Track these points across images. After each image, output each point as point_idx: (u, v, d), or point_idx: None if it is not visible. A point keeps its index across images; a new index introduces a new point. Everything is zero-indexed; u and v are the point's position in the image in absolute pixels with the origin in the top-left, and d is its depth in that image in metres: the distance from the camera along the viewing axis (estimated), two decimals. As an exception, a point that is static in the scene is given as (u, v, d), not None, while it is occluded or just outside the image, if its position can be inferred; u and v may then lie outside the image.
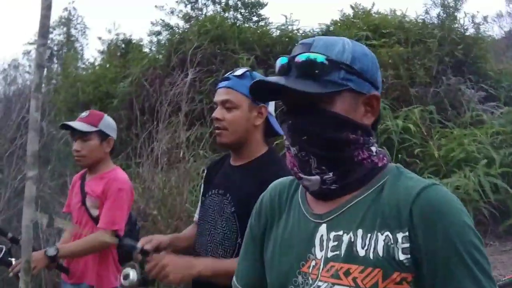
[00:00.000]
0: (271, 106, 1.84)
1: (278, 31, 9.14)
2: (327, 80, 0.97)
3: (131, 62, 9.39)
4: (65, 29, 16.76)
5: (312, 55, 0.98)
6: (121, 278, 1.78)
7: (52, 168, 5.40)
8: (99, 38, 12.82)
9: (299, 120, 1.00)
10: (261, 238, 1.15)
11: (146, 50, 10.68)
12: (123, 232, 2.53)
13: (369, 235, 0.93)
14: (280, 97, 1.06)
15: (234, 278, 1.21)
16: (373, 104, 1.03)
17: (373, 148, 1.03)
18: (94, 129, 2.54)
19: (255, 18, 11.74)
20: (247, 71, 1.79)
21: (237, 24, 9.18)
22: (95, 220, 2.52)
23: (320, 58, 0.98)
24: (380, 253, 0.91)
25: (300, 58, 0.99)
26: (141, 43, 11.17)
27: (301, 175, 1.02)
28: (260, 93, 1.09)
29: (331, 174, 0.99)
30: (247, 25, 9.70)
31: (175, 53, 7.49)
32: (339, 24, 9.23)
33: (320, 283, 0.95)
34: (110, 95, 8.70)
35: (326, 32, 9.04)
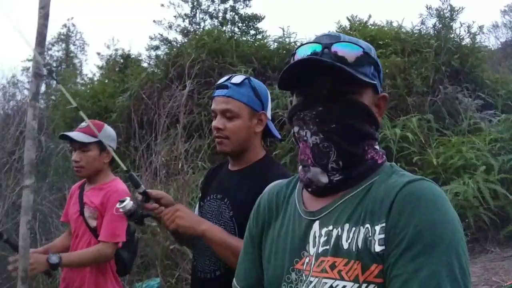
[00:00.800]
0: (269, 111, 1.84)
1: (276, 44, 9.22)
2: (360, 72, 0.97)
3: (129, 77, 9.45)
4: (64, 45, 16.88)
5: (349, 45, 0.99)
6: (118, 203, 1.76)
7: (51, 182, 5.39)
8: (98, 54, 13.02)
9: (330, 107, 0.98)
10: (259, 239, 1.15)
11: (145, 64, 10.80)
12: (121, 243, 2.52)
13: (353, 228, 0.93)
14: (305, 86, 1.02)
15: (234, 280, 1.21)
16: (381, 105, 1.05)
17: (377, 147, 1.05)
18: (93, 139, 2.52)
19: (252, 32, 11.87)
20: (245, 78, 1.77)
21: (235, 38, 9.27)
22: (93, 230, 2.50)
23: (357, 48, 0.99)
24: (360, 245, 0.90)
25: (338, 47, 0.98)
26: (140, 58, 11.30)
27: (313, 168, 1.01)
28: (286, 80, 1.03)
29: (339, 176, 0.99)
30: (245, 39, 9.79)
31: (173, 67, 7.54)
32: (336, 36, 9.32)
33: (312, 279, 0.95)
34: (108, 109, 8.74)
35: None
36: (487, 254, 4.86)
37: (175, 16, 11.58)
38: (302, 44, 1.04)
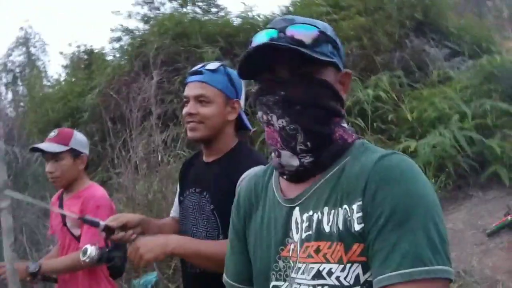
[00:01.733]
0: (242, 100, 1.83)
1: (239, 20, 9.10)
2: (318, 52, 0.97)
3: (96, 73, 9.26)
4: (24, 49, 16.42)
5: (304, 26, 0.98)
6: (81, 254, 1.82)
7: (32, 192, 5.32)
8: (61, 53, 12.68)
9: (293, 90, 0.98)
10: (243, 231, 1.16)
11: (110, 58, 10.56)
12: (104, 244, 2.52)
13: (332, 211, 0.94)
14: (264, 73, 1.03)
15: (224, 274, 1.22)
16: (345, 81, 1.05)
17: (344, 125, 1.05)
18: (65, 148, 2.49)
19: (214, 9, 11.67)
20: (221, 65, 1.76)
21: (197, 18, 9.11)
22: (78, 239, 2.49)
23: (312, 28, 0.99)
24: (341, 227, 0.92)
25: (292, 29, 0.98)
26: (104, 52, 11.03)
27: (283, 151, 1.01)
28: (246, 69, 1.04)
29: (308, 157, 1.00)
30: (207, 18, 9.63)
31: (138, 57, 7.41)
32: (298, 4, 9.24)
33: (299, 265, 0.97)
34: (79, 109, 8.59)
35: (286, 13, 9.05)
36: (470, 199, 4.98)
37: (132, 4, 11.26)
38: (257, 32, 1.04)
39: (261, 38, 1.00)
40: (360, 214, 0.89)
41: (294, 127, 0.98)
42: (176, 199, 1.99)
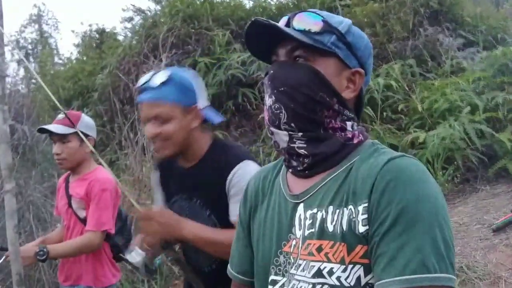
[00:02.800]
0: (203, 98, 1.72)
1: (251, 3, 9.03)
2: (317, 39, 0.99)
3: (106, 53, 9.26)
4: (36, 26, 16.45)
5: (310, 13, 1.01)
6: (129, 252, 1.79)
7: (41, 171, 5.37)
8: (73, 31, 12.67)
9: (280, 71, 1.02)
10: (248, 224, 1.17)
11: (120, 38, 10.55)
12: (113, 230, 2.54)
13: (337, 210, 0.94)
14: (270, 53, 1.07)
15: (229, 266, 1.23)
16: (355, 80, 1.03)
17: (349, 123, 1.03)
18: (72, 130, 2.49)
19: (226, -9, 11.58)
20: (170, 74, 1.63)
21: (209, 0, 9.05)
22: (83, 221, 2.53)
23: (316, 16, 1.01)
24: (345, 227, 0.91)
25: (299, 15, 1.01)
26: (115, 31, 11.04)
27: (272, 129, 1.03)
28: (253, 44, 1.08)
29: (300, 134, 1.00)
30: (219, 0, 9.56)
31: (148, 38, 7.38)
32: (312, -12, 9.13)
33: (300, 261, 0.97)
34: (89, 88, 8.61)
35: (300, -3, 8.96)
36: (477, 193, 4.94)
37: (145, -17, 11.23)
38: (269, 16, 1.08)
39: (283, 20, 1.05)
40: (365, 216, 0.89)
41: (278, 106, 1.00)
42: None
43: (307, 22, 1.00)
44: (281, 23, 1.03)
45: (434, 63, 6.93)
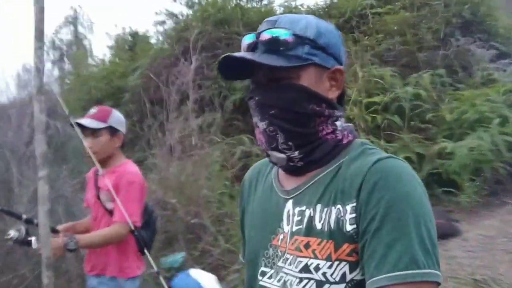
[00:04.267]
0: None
1: (282, 8, 9.08)
2: (292, 55, 0.99)
3: (139, 55, 9.46)
4: (72, 27, 16.89)
5: (277, 31, 0.99)
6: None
7: (72, 166, 5.51)
8: (107, 34, 13.01)
9: (266, 95, 1.02)
10: (243, 215, 1.22)
11: (153, 41, 10.76)
12: (140, 223, 2.60)
13: (325, 209, 0.96)
14: (247, 76, 1.06)
15: (240, 255, 1.28)
16: (337, 78, 1.04)
17: (338, 123, 1.05)
18: (103, 125, 2.58)
19: (258, -2, 11.68)
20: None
21: (240, 6, 9.15)
22: (110, 212, 2.59)
23: (285, 33, 0.99)
24: (332, 225, 0.94)
25: (265, 34, 1.00)
26: (148, 35, 11.25)
27: (269, 151, 1.05)
28: (228, 72, 1.07)
29: (296, 153, 1.02)
30: (250, 6, 9.66)
31: (179, 41, 7.52)
32: (342, -5, 9.14)
33: (288, 256, 1.00)
34: (121, 89, 8.81)
35: (330, 4, 8.98)
36: (505, 206, 4.85)
37: (178, -12, 11.42)
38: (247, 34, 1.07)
39: (244, 41, 1.04)
40: (353, 215, 0.91)
41: (273, 128, 1.02)
42: None
43: (277, 41, 0.99)
44: (247, 43, 1.03)
45: (465, 74, 6.85)
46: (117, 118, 2.68)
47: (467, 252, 3.92)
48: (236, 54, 1.02)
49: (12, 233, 2.39)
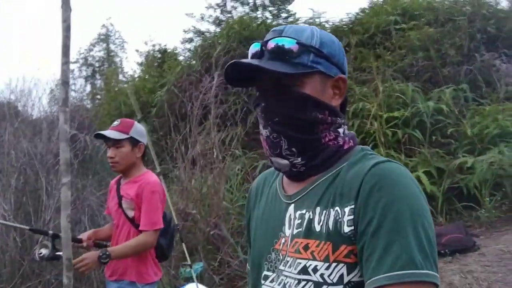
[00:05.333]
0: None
1: (306, 25, 9.19)
2: (297, 63, 1.01)
3: (167, 71, 9.71)
4: (104, 45, 17.42)
5: (283, 39, 1.02)
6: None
7: (99, 178, 5.72)
8: (137, 51, 13.38)
9: (271, 102, 1.04)
10: (249, 222, 1.25)
11: (181, 58, 11.03)
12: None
13: (324, 211, 0.98)
14: (253, 83, 1.09)
15: (248, 264, 1.29)
16: (340, 86, 1.07)
17: (340, 130, 1.07)
18: (125, 136, 2.72)
19: (284, 15, 11.85)
20: None
21: (265, 23, 9.32)
22: (131, 220, 2.72)
23: (290, 41, 1.02)
24: (331, 227, 0.95)
25: (272, 42, 1.03)
26: (176, 52, 11.55)
27: (273, 157, 1.07)
28: (234, 79, 1.09)
29: (299, 159, 1.04)
30: (275, 23, 9.83)
31: (205, 58, 7.71)
32: (367, 12, 9.21)
33: (288, 258, 1.02)
34: (149, 104, 9.05)
35: (354, 21, 9.05)
36: (524, 223, 4.78)
37: (206, 7, 11.72)
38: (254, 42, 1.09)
39: (250, 50, 1.07)
40: (351, 217, 0.93)
41: (276, 135, 1.04)
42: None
43: (283, 49, 1.02)
44: (253, 51, 1.06)
45: (489, 89, 6.79)
46: (139, 129, 2.82)
47: (484, 267, 3.88)
48: (243, 60, 1.04)
49: (43, 251, 2.53)
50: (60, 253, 2.45)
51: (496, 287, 3.53)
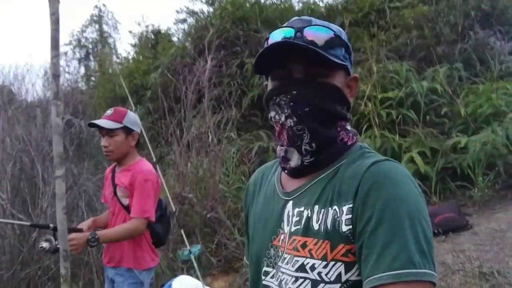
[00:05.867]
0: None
1: (300, 4, 9.11)
2: (332, 54, 1.00)
3: (161, 52, 9.64)
4: (97, 26, 17.23)
5: (321, 28, 1.01)
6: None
7: (95, 163, 5.73)
8: (130, 32, 13.24)
9: (303, 91, 1.01)
10: (247, 217, 1.26)
11: (174, 39, 10.93)
12: (154, 218, 2.76)
13: (322, 210, 0.98)
14: (280, 70, 1.05)
15: (244, 257, 1.33)
16: (352, 85, 1.08)
17: (348, 127, 1.09)
18: (119, 125, 2.74)
19: (277, -6, 11.69)
20: None
21: (259, 3, 9.20)
22: (126, 208, 2.75)
23: (328, 31, 1.01)
24: (329, 226, 0.95)
25: (309, 30, 1.00)
26: (170, 33, 11.44)
27: (289, 148, 1.06)
28: (262, 63, 1.05)
29: (312, 159, 1.04)
30: (269, 2, 9.71)
31: (198, 40, 7.64)
32: (361, -10, 9.12)
33: (286, 255, 1.03)
34: (144, 87, 9.01)
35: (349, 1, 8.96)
36: (518, 200, 4.84)
37: (199, -14, 11.54)
38: (275, 29, 1.06)
39: (278, 35, 1.03)
40: (349, 216, 0.93)
41: (301, 127, 1.02)
42: None
43: (320, 36, 1.00)
44: (286, 36, 1.01)
45: (484, 67, 6.78)
46: (132, 118, 2.83)
47: (476, 246, 3.95)
48: (288, 40, 0.98)
49: (44, 244, 2.56)
50: None
51: (488, 266, 3.60)
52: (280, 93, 1.03)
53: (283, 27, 1.04)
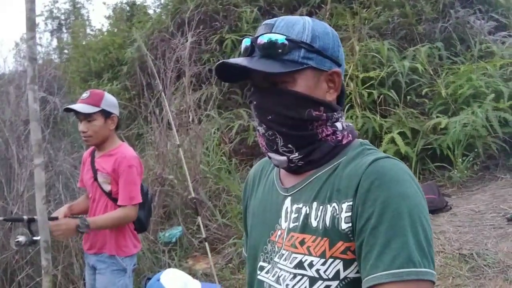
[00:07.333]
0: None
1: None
2: (287, 60, 1.00)
3: (137, 25, 9.38)
4: (70, -4, 16.60)
5: (273, 36, 1.01)
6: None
7: (71, 141, 5.58)
8: (104, 4, 12.79)
9: (263, 100, 1.04)
10: (246, 211, 1.27)
11: (151, 11, 10.66)
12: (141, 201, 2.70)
13: (321, 207, 0.98)
14: (245, 78, 1.08)
15: (243, 250, 1.33)
16: (335, 80, 1.06)
17: (338, 124, 1.07)
18: (96, 109, 2.63)
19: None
20: None
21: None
22: (108, 194, 2.68)
23: (280, 38, 1.00)
24: (328, 223, 0.96)
25: (262, 39, 1.02)
26: (146, 4, 11.14)
27: (270, 154, 1.08)
28: (225, 74, 1.08)
29: (297, 154, 1.04)
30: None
31: (177, 14, 7.45)
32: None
33: (284, 251, 1.03)
34: (120, 61, 8.78)
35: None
36: (497, 181, 4.93)
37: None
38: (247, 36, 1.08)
39: (243, 45, 1.07)
40: (349, 214, 0.93)
41: (271, 132, 1.04)
42: None
43: (273, 46, 1.00)
44: (245, 47, 1.05)
45: (464, 47, 6.80)
46: (110, 101, 2.72)
47: (455, 227, 4.01)
48: (231, 60, 1.03)
49: (21, 238, 2.45)
50: (37, 237, 2.39)
51: (467, 247, 3.66)
52: (250, 102, 1.08)
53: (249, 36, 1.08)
